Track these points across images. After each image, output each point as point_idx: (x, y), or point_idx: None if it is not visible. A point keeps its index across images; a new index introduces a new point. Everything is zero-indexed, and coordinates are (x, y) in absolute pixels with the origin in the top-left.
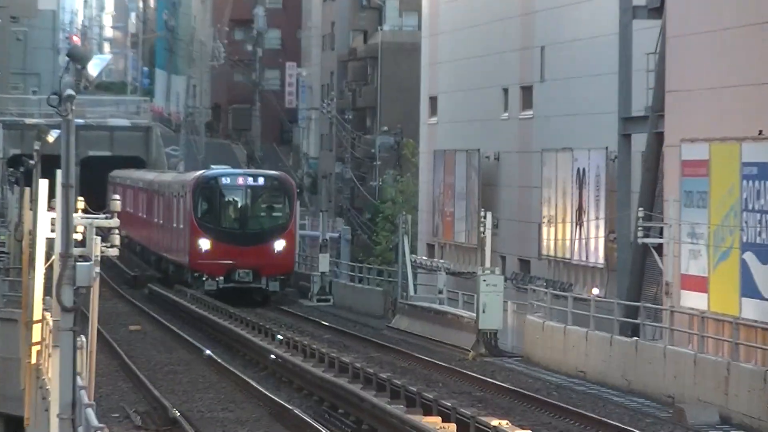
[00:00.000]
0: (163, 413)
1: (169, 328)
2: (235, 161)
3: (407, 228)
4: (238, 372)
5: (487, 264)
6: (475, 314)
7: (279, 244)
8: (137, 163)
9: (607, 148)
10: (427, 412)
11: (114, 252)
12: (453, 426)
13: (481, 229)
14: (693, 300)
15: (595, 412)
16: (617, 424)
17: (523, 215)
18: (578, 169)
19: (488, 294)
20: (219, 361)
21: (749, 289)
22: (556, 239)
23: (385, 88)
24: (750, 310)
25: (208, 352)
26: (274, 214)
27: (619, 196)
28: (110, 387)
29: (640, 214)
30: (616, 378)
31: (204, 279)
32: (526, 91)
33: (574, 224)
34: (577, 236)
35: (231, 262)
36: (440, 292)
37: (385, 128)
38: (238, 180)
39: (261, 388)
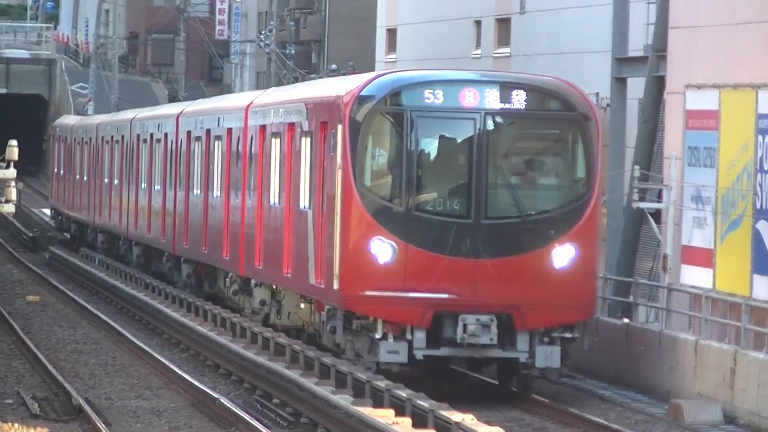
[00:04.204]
0: (66, 400)
1: (73, 299)
2: (155, 102)
3: None
4: (154, 353)
5: None
6: None
7: (563, 253)
8: (38, 102)
9: (597, 93)
10: (378, 404)
11: (10, 208)
12: (407, 420)
13: None
14: (696, 276)
15: (575, 407)
16: (601, 421)
17: None
18: None
19: None
20: (133, 340)
21: (763, 264)
22: None
23: (335, 18)
24: (763, 289)
25: None
26: (551, 180)
27: (611, 151)
28: (3, 369)
29: (636, 174)
30: (603, 367)
31: (377, 337)
32: (503, 24)
33: None
34: None
35: (446, 296)
36: None
37: (334, 66)
38: (461, 96)
39: (182, 373)
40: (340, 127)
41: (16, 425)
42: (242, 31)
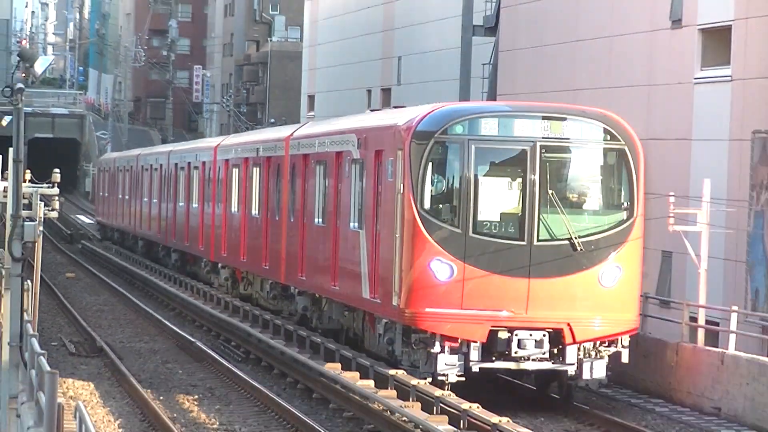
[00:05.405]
0: (92, 343)
1: (97, 275)
2: (152, 144)
3: None
4: (152, 311)
5: None
6: None
7: (609, 273)
8: (73, 144)
9: None
10: (301, 345)
11: (54, 214)
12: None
13: None
14: None
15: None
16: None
17: None
18: None
19: None
20: (138, 302)
21: None
22: None
23: (273, 88)
24: None
25: None
26: (598, 205)
27: None
28: (50, 322)
29: None
30: None
31: (436, 352)
32: (386, 92)
33: None
34: None
35: (501, 313)
36: None
37: (272, 120)
38: (515, 126)
39: (170, 324)
40: (400, 154)
41: (58, 359)
42: (211, 96)
